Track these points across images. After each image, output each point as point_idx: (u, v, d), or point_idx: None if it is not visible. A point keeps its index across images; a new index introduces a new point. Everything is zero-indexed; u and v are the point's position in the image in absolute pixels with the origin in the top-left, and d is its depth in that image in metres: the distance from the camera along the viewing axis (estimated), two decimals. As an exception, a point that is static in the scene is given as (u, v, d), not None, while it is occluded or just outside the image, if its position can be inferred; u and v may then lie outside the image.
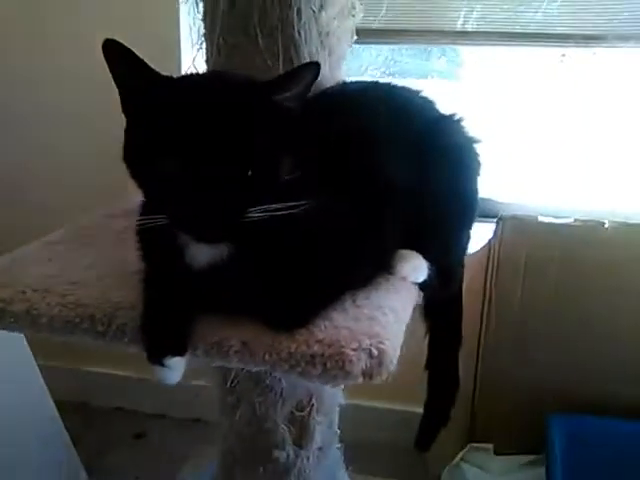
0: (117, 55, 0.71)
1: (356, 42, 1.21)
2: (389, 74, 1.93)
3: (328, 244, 0.79)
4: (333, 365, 0.72)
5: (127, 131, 0.74)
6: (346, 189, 0.82)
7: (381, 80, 1.06)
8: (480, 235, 1.69)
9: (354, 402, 1.78)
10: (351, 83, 1.08)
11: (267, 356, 0.74)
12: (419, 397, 1.25)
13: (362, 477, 1.45)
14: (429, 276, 0.95)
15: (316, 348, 0.73)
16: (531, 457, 1.71)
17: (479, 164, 1.01)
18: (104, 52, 0.70)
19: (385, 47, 1.84)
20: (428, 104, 1.01)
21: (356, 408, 1.78)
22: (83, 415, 1.88)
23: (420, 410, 1.26)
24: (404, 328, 0.82)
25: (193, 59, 1.11)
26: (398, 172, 0.89)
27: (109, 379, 2.04)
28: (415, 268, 0.92)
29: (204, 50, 1.09)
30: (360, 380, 0.72)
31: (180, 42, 1.69)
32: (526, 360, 1.69)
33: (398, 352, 0.76)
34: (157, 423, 1.99)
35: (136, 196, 1.16)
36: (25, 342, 1.48)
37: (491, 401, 1.75)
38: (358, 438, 1.41)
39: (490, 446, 1.74)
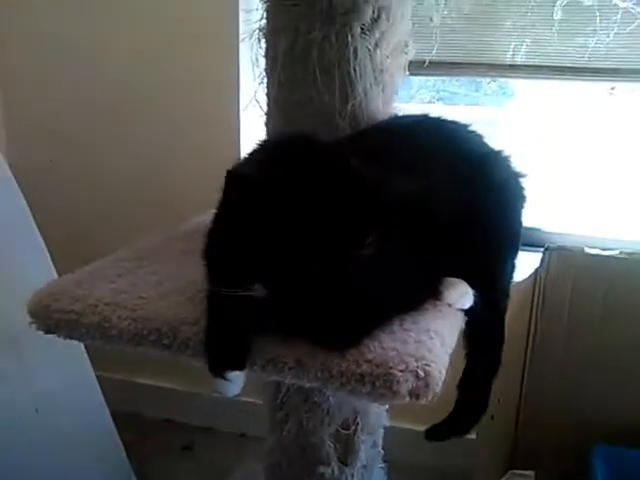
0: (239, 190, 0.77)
1: (410, 74, 1.27)
2: (438, 99, 1.99)
3: (381, 271, 0.83)
4: (381, 384, 0.76)
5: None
6: (393, 215, 0.87)
7: (430, 113, 1.10)
8: (526, 264, 1.72)
9: (397, 424, 1.83)
10: (401, 117, 1.13)
11: (319, 373, 0.78)
12: None
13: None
14: (474, 303, 0.99)
15: (365, 367, 0.77)
16: (574, 486, 1.71)
17: (524, 198, 1.05)
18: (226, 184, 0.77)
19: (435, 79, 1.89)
20: (477, 138, 1.05)
21: (398, 431, 1.82)
22: (133, 425, 1.94)
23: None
24: (450, 352, 0.86)
25: (254, 93, 1.18)
26: (446, 204, 0.93)
27: (160, 391, 2.12)
28: (462, 295, 0.96)
29: (264, 84, 1.16)
30: (407, 400, 0.76)
31: (239, 76, 1.78)
32: (571, 390, 1.70)
33: (444, 375, 0.80)
34: (204, 436, 2.05)
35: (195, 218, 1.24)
36: (85, 354, 1.55)
37: (534, 429, 1.76)
38: (399, 460, 1.43)
39: (532, 473, 1.74)
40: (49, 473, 1.39)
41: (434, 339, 0.83)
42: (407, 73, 1.18)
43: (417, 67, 1.43)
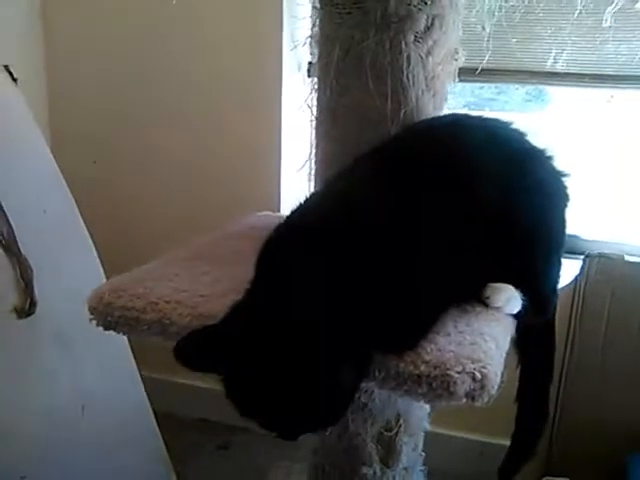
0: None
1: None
2: (473, 105, 2.00)
3: (425, 276, 0.85)
4: (438, 385, 0.78)
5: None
6: (438, 220, 0.89)
7: (473, 112, 1.12)
8: (565, 272, 1.72)
9: (436, 430, 1.84)
10: (445, 116, 1.15)
11: (377, 373, 0.81)
12: (499, 429, 1.29)
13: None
14: (523, 307, 0.99)
15: (423, 368, 0.79)
16: (608, 495, 1.71)
17: (567, 197, 1.06)
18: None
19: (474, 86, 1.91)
20: (519, 135, 1.06)
21: (438, 437, 1.83)
22: (169, 425, 1.96)
23: (500, 442, 1.29)
24: (504, 356, 0.88)
25: (305, 99, 1.20)
26: (489, 202, 0.94)
27: (194, 391, 2.14)
28: (509, 299, 0.97)
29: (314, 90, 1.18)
30: (463, 401, 0.78)
31: (282, 82, 1.82)
32: (608, 398, 1.70)
33: (499, 377, 0.81)
34: (240, 435, 2.05)
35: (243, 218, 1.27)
36: (131, 353, 1.59)
37: (570, 436, 1.76)
38: (438, 466, 1.45)
39: (566, 480, 1.75)
40: (94, 470, 1.42)
41: (488, 342, 0.84)
42: (457, 80, 1.20)
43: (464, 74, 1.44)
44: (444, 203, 0.91)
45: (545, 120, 2.00)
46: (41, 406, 1.32)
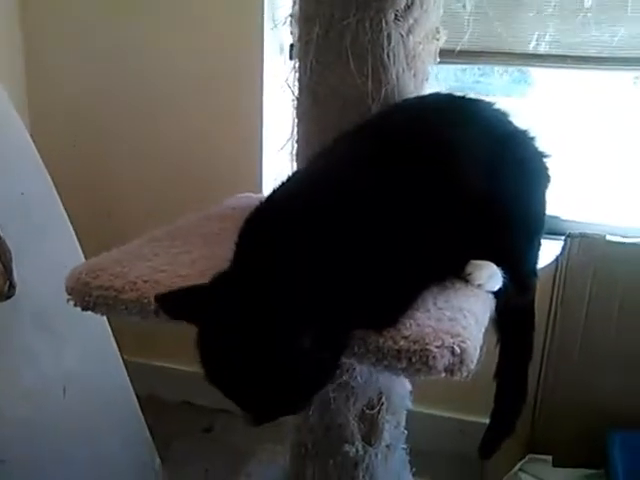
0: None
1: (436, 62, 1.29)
2: (456, 89, 2.00)
3: (405, 252, 0.85)
4: (417, 360, 0.78)
5: None
6: (419, 198, 0.89)
7: (456, 92, 1.11)
8: (547, 252, 1.73)
9: (417, 410, 1.85)
10: (427, 95, 1.15)
11: (357, 348, 0.81)
12: (479, 407, 1.29)
13: (421, 477, 1.50)
14: (504, 284, 1.00)
15: (402, 343, 0.79)
16: (590, 471, 1.73)
17: (548, 177, 1.07)
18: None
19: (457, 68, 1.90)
20: (502, 116, 1.06)
21: (418, 416, 1.85)
22: (153, 408, 1.95)
23: (480, 420, 1.30)
24: (483, 331, 0.88)
25: (286, 79, 1.20)
26: (470, 182, 0.94)
27: (178, 374, 2.14)
28: (490, 276, 0.97)
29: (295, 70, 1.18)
30: (442, 375, 0.78)
31: (264, 62, 1.80)
32: (589, 376, 1.72)
33: (478, 352, 0.82)
34: (224, 418, 2.07)
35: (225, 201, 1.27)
36: (112, 336, 1.58)
37: (552, 414, 1.78)
38: (419, 445, 1.45)
39: (549, 458, 1.77)
40: (75, 453, 1.42)
41: (468, 317, 0.85)
42: (437, 60, 1.20)
43: (441, 55, 1.44)
44: (426, 181, 0.91)
45: (528, 103, 2.00)
46: (21, 388, 1.31)
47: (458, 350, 0.78)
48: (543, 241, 1.25)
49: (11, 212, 1.35)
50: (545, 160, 1.07)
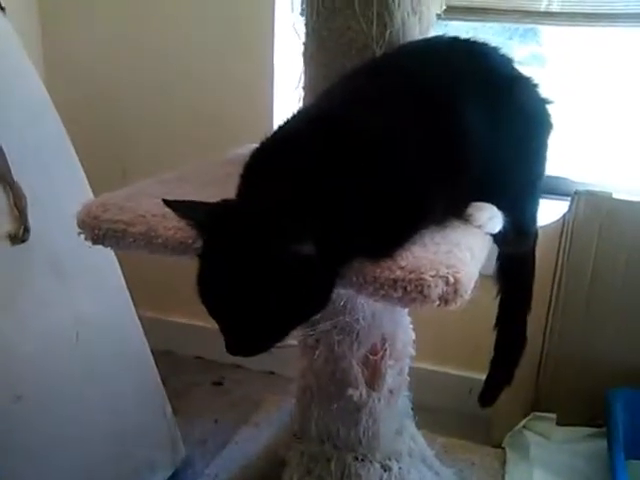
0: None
1: (443, 18, 1.29)
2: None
3: (406, 187, 0.86)
4: (413, 289, 0.80)
5: None
6: (422, 136, 0.90)
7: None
8: (555, 212, 1.74)
9: (423, 366, 1.88)
10: (434, 37, 1.15)
11: (354, 278, 0.83)
12: (485, 365, 1.32)
13: (425, 432, 1.53)
14: (504, 228, 1.02)
15: (398, 273, 0.81)
16: (593, 430, 1.75)
17: (551, 124, 1.08)
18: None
19: (468, 24, 1.89)
20: (506, 61, 1.07)
21: (425, 372, 1.88)
22: (166, 362, 1.99)
23: (485, 378, 1.33)
24: (479, 266, 0.90)
25: (293, 24, 1.21)
26: (474, 124, 0.95)
27: (191, 330, 2.19)
28: (491, 218, 0.99)
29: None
30: (436, 304, 0.80)
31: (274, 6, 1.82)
32: (594, 334, 1.74)
33: (472, 284, 0.84)
34: (234, 373, 2.12)
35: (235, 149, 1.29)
36: (125, 284, 1.62)
37: (557, 373, 1.80)
38: (425, 402, 1.48)
39: (553, 416, 1.79)
40: (88, 394, 1.46)
41: (464, 251, 0.87)
42: (443, 7, 1.20)
43: (451, 12, 1.44)
44: (428, 119, 0.92)
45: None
46: (35, 330, 1.34)
47: (452, 280, 0.80)
48: (550, 200, 1.26)
49: (27, 160, 1.38)
50: (547, 106, 1.08)
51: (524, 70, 1.09)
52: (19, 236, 1.34)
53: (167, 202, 0.84)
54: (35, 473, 1.31)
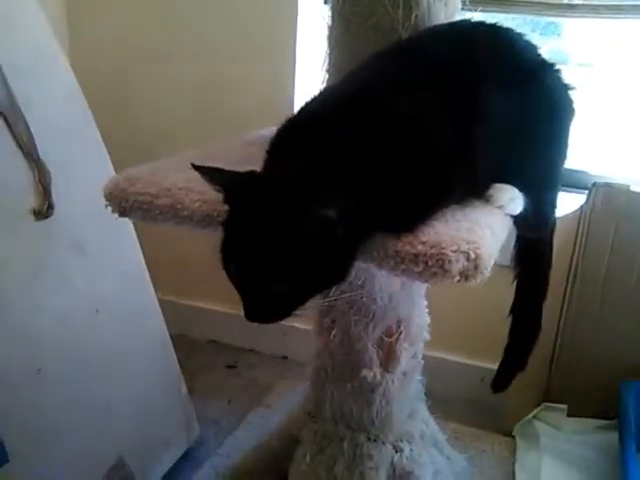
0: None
1: (467, 9, 1.30)
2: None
3: (429, 165, 0.87)
4: (434, 263, 0.81)
5: None
6: (448, 117, 0.91)
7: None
8: (572, 205, 1.75)
9: (437, 355, 1.90)
10: (458, 21, 1.17)
11: (376, 252, 0.85)
12: (500, 355, 1.33)
13: (437, 419, 1.54)
14: (524, 211, 1.02)
15: (420, 248, 0.82)
16: (604, 422, 1.76)
17: (573, 110, 1.09)
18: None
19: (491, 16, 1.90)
20: (531, 47, 1.08)
21: (438, 361, 1.89)
22: (181, 345, 2.01)
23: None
24: (499, 245, 0.91)
25: (320, 11, 1.22)
26: (497, 106, 0.96)
27: (206, 314, 2.21)
28: (512, 199, 1.00)
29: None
30: (457, 279, 0.81)
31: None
32: (607, 327, 1.74)
33: (492, 261, 0.85)
34: (248, 356, 2.16)
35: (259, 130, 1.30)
36: (144, 263, 1.64)
37: (569, 364, 1.80)
38: (438, 390, 1.51)
39: (564, 407, 1.80)
40: (107, 369, 1.49)
41: (484, 229, 0.88)
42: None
43: (476, 2, 1.44)
44: (453, 100, 0.93)
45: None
46: (56, 306, 1.37)
47: (473, 255, 0.81)
48: (569, 193, 1.26)
49: (51, 138, 1.40)
50: (570, 92, 1.09)
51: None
52: (43, 212, 1.36)
53: (196, 166, 0.85)
54: (50, 446, 1.33)
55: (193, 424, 1.74)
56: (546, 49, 1.99)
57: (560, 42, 2.06)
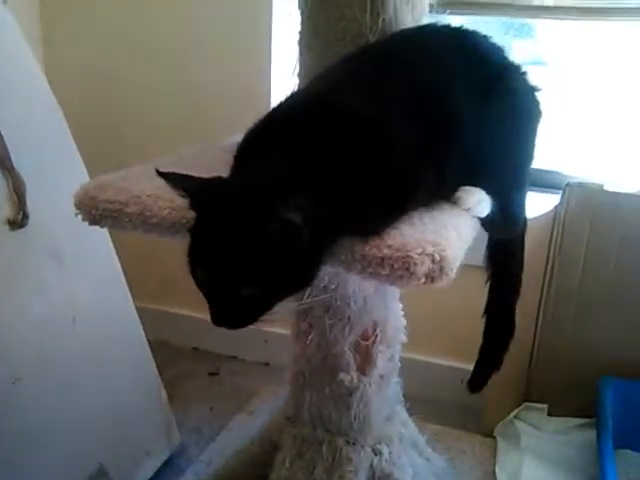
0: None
1: (436, 11, 1.32)
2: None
3: (396, 169, 0.88)
4: (399, 266, 0.82)
5: None
6: (413, 120, 0.92)
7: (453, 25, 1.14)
8: (547, 204, 1.77)
9: (417, 357, 1.91)
10: (425, 25, 1.18)
11: (343, 256, 0.85)
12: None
13: (417, 420, 1.55)
14: (492, 212, 1.04)
15: (386, 251, 0.83)
16: (584, 420, 1.77)
17: (540, 111, 1.10)
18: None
19: (464, 18, 1.91)
20: (497, 49, 1.09)
21: (418, 363, 1.90)
22: (162, 352, 2.01)
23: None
24: (465, 247, 0.92)
25: (289, 13, 1.23)
26: (463, 109, 0.97)
27: (188, 321, 2.21)
28: (479, 201, 1.01)
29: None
30: (422, 281, 0.82)
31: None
32: (584, 325, 1.76)
33: (458, 263, 0.86)
34: (230, 363, 2.16)
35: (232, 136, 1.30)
36: (122, 272, 1.64)
37: (548, 364, 1.82)
38: (418, 392, 1.51)
39: (544, 406, 1.81)
40: (85, 378, 1.48)
41: (450, 231, 0.89)
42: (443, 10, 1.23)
43: (445, 4, 1.46)
44: (419, 103, 0.94)
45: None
46: (33, 315, 1.37)
47: (438, 257, 0.82)
48: (543, 194, 1.27)
49: (26, 147, 1.40)
50: (536, 94, 1.10)
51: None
52: (18, 221, 1.36)
53: (160, 173, 0.85)
54: (30, 455, 1.33)
55: (174, 431, 1.73)
56: (520, 50, 2.04)
57: (534, 43, 2.08)
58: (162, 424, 1.70)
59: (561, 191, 1.73)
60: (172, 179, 0.85)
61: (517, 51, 2.03)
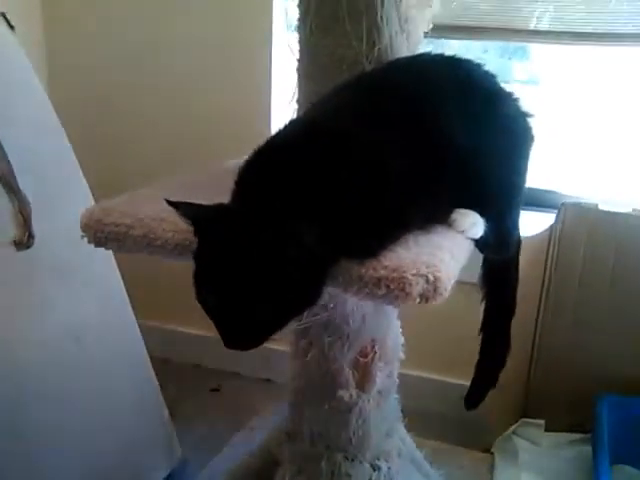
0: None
1: (432, 36, 1.35)
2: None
3: (392, 194, 0.92)
4: (395, 287, 0.85)
5: None
6: (410, 146, 0.95)
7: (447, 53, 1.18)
8: (543, 223, 1.80)
9: (414, 374, 1.93)
10: (419, 54, 1.21)
11: (341, 278, 0.88)
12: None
13: (415, 436, 1.57)
14: (485, 234, 1.06)
15: (382, 272, 0.86)
16: (581, 435, 1.79)
17: (532, 136, 1.13)
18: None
19: (460, 44, 1.96)
20: (490, 77, 1.12)
21: (417, 379, 1.92)
22: (164, 370, 2.03)
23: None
24: (459, 268, 0.95)
25: (288, 44, 1.27)
26: (457, 134, 1.00)
27: (190, 338, 2.24)
28: (473, 224, 1.03)
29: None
30: (417, 301, 0.85)
31: (272, 25, 1.90)
32: (581, 342, 1.78)
33: (451, 283, 0.89)
34: (232, 380, 2.19)
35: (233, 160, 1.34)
36: (124, 290, 1.67)
37: (545, 380, 1.84)
38: (416, 408, 1.52)
39: (542, 422, 1.83)
40: (88, 396, 1.51)
41: (445, 253, 0.92)
42: (431, 25, 1.26)
43: (440, 30, 1.49)
44: (413, 130, 0.97)
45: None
46: (38, 334, 1.40)
47: (432, 278, 0.85)
48: (539, 213, 1.29)
49: (30, 169, 1.43)
50: (528, 119, 1.14)
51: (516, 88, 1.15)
52: (24, 242, 1.39)
53: (170, 202, 0.89)
54: (33, 472, 1.35)
55: (175, 447, 1.76)
56: (516, 71, 2.09)
57: (529, 64, 2.12)
58: (164, 440, 1.72)
59: (557, 210, 1.77)
60: (180, 208, 0.89)
61: (513, 72, 2.08)
